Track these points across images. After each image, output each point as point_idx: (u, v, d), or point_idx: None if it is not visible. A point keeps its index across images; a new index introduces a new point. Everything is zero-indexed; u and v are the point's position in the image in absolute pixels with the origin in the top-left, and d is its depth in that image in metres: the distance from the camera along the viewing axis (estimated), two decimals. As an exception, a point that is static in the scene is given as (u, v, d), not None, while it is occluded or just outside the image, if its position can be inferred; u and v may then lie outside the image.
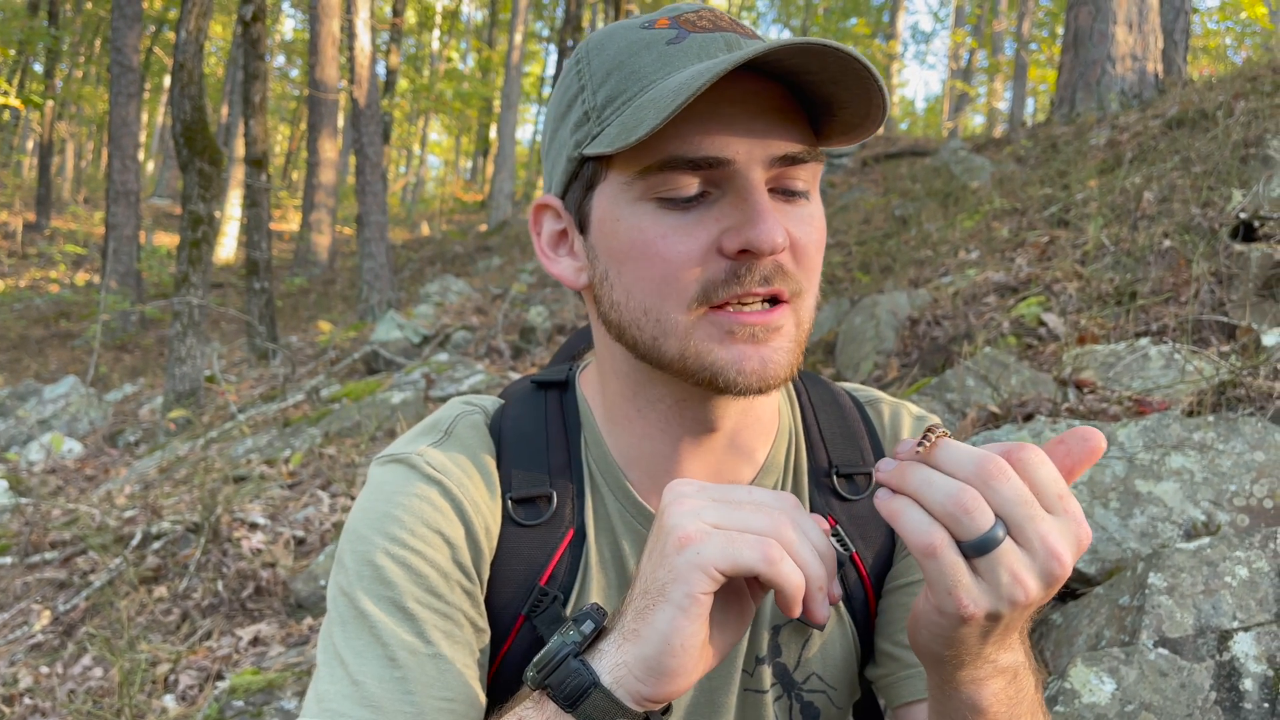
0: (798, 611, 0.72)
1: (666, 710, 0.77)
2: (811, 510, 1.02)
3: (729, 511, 0.72)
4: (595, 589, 0.96)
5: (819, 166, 0.90)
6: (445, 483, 0.94)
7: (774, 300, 0.86)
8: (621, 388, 0.97)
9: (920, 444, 0.72)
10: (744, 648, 1.00)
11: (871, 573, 1.02)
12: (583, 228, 0.93)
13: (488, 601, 0.95)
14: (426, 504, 0.92)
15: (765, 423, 1.01)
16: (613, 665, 0.73)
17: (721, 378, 0.86)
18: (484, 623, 0.94)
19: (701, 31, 0.85)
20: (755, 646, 1.00)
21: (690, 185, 0.84)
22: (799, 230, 0.87)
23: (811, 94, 0.86)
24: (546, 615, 0.93)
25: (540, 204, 0.97)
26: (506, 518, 0.96)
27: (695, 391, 0.91)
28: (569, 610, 0.95)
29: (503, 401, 1.06)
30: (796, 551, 0.71)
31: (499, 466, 0.99)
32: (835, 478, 1.03)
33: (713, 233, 0.84)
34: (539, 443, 1.00)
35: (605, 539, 0.98)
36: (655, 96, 0.81)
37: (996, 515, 0.67)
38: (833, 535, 1.01)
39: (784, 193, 0.87)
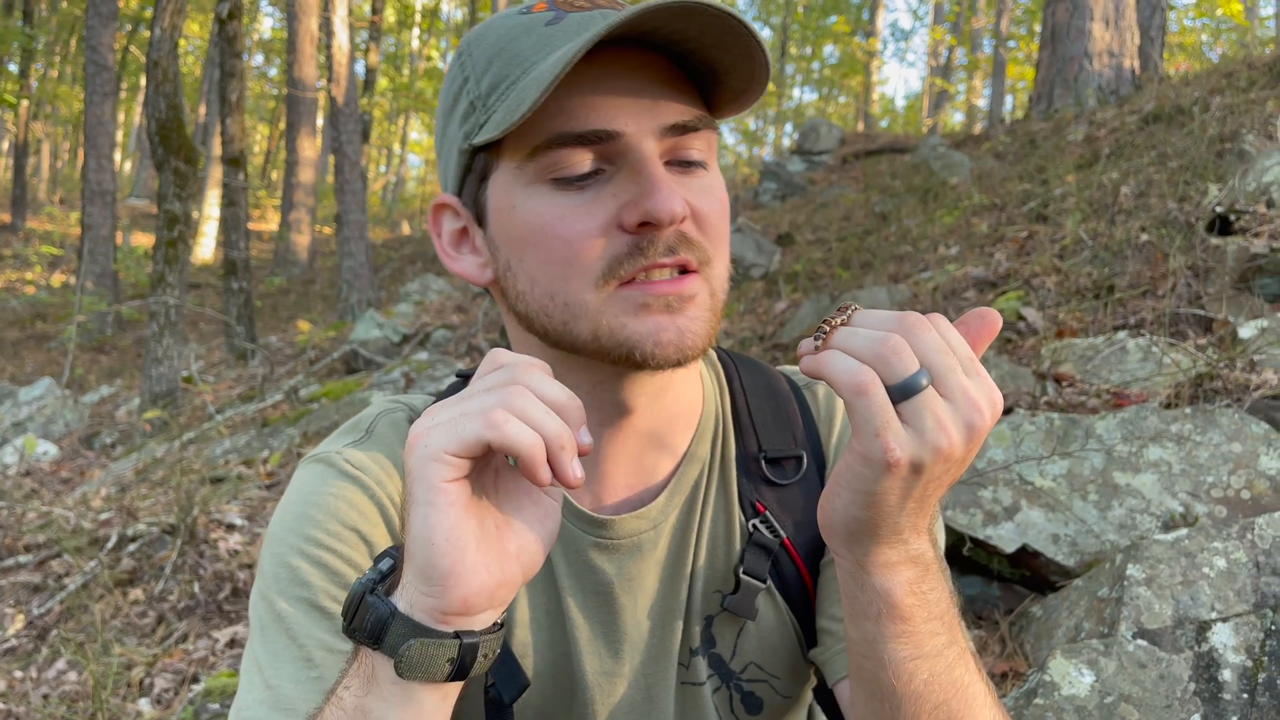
0: (545, 475, 0.68)
1: (498, 628, 0.73)
2: (740, 497, 1.01)
3: (458, 403, 0.70)
4: None
5: (714, 136, 0.90)
6: (363, 479, 0.92)
7: (683, 270, 0.85)
8: None
9: (836, 317, 0.73)
10: (678, 640, 0.98)
11: (805, 556, 1.01)
12: (480, 221, 0.92)
13: None
14: (343, 502, 0.91)
15: (683, 413, 0.99)
16: (402, 589, 0.70)
17: (638, 351, 0.84)
18: None
19: (579, 10, 0.85)
20: (689, 638, 0.99)
21: (582, 161, 0.83)
22: (699, 200, 0.86)
23: (697, 63, 0.85)
24: None
25: (438, 204, 0.96)
26: None
27: (610, 374, 0.89)
28: None
29: (432, 399, 1.05)
30: (527, 414, 0.68)
31: None
32: (764, 464, 1.02)
33: (610, 209, 0.83)
34: None
35: None
36: (537, 75, 0.80)
37: (920, 364, 0.69)
38: (762, 522, 0.99)
39: (680, 164, 0.87)
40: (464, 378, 1.06)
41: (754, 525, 0.99)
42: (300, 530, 0.90)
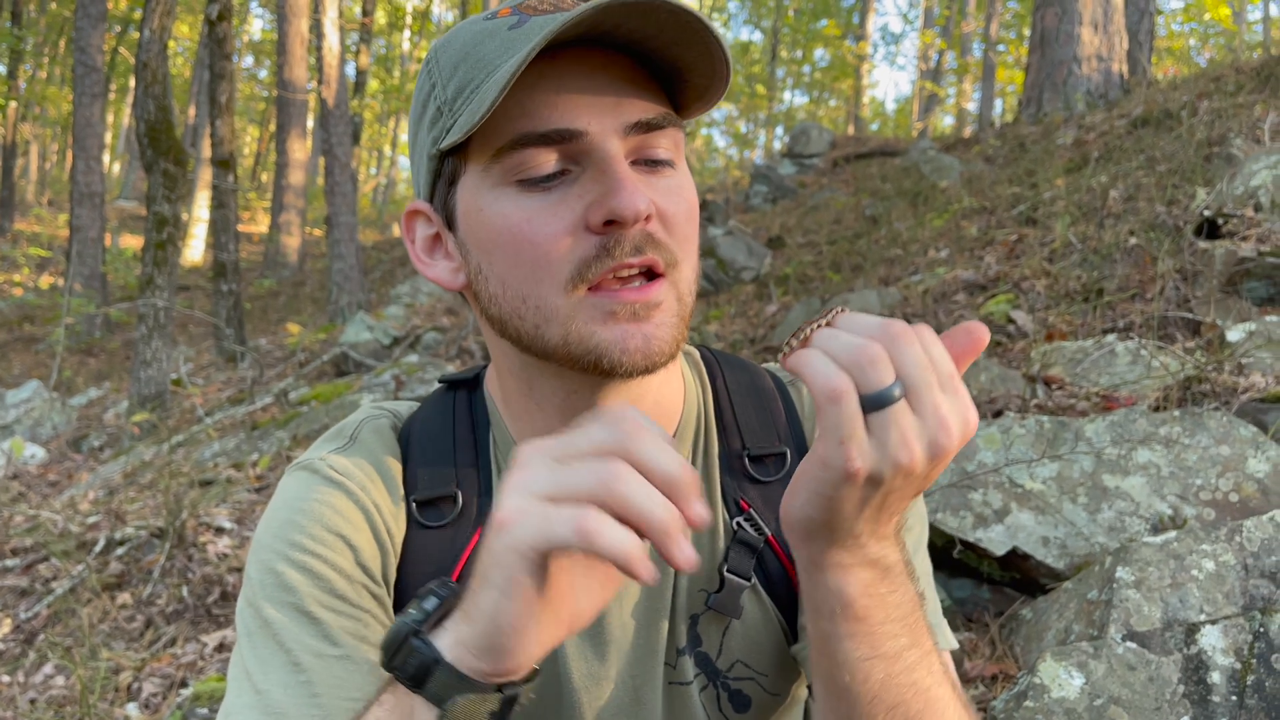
0: (646, 575, 0.63)
1: (532, 677, 0.73)
2: (724, 495, 1.01)
3: (558, 475, 0.66)
4: None
5: (680, 134, 0.90)
6: (348, 485, 0.93)
7: (651, 274, 0.85)
8: (517, 384, 0.96)
9: (824, 319, 0.73)
10: (663, 640, 0.98)
11: (789, 552, 1.00)
12: (451, 225, 0.92)
13: (398, 606, 0.93)
14: (327, 508, 0.92)
15: (662, 416, 0.99)
16: (453, 642, 0.70)
17: (606, 359, 0.84)
18: None
19: (543, 14, 0.84)
20: (675, 638, 0.99)
21: (547, 162, 0.83)
22: (665, 200, 0.86)
23: (660, 61, 0.86)
24: None
25: (410, 210, 0.96)
26: (411, 521, 0.95)
27: (584, 381, 0.89)
28: None
29: (417, 405, 1.06)
30: (630, 506, 0.63)
31: (404, 469, 0.98)
32: (748, 461, 1.02)
33: (577, 210, 0.83)
34: (445, 443, 0.99)
35: None
36: (498, 77, 0.80)
37: (896, 376, 0.68)
38: (746, 519, 0.99)
39: (647, 163, 0.87)
40: (449, 384, 1.06)
41: (738, 523, 0.99)
42: (285, 536, 0.90)
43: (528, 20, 0.84)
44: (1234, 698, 1.61)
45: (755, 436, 1.03)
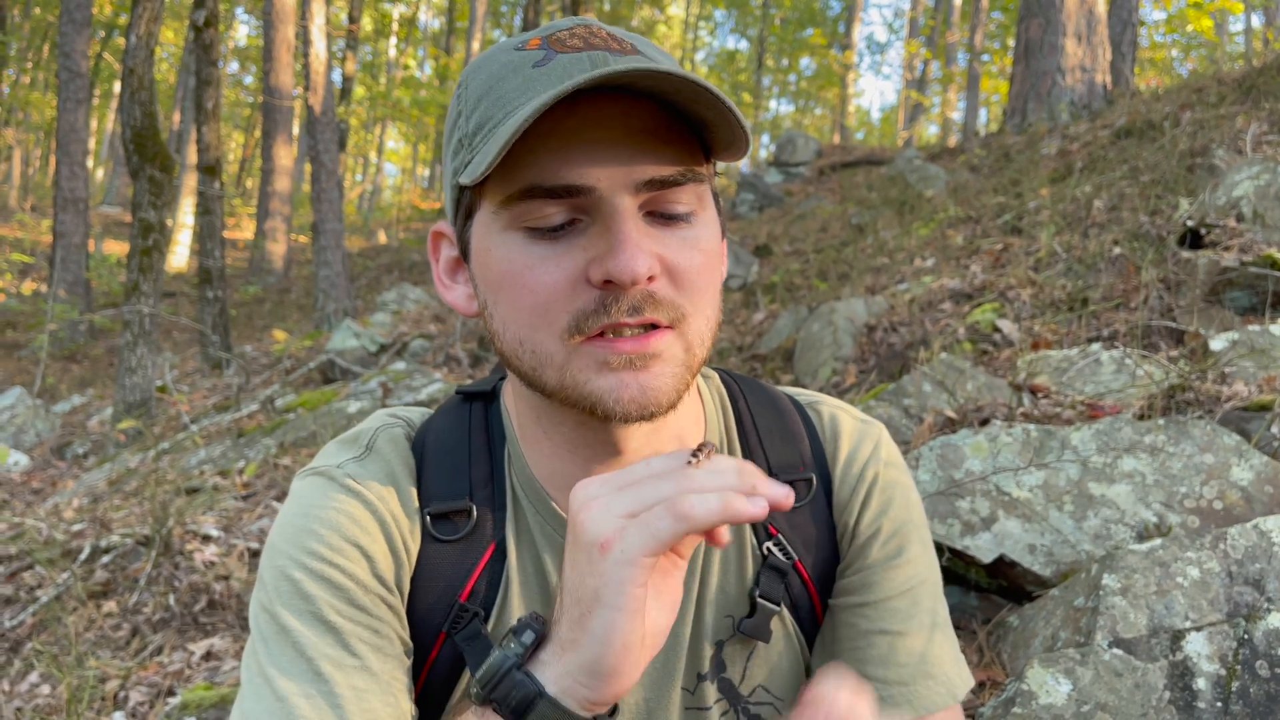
0: (751, 511, 0.69)
1: (613, 712, 0.77)
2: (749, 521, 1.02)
3: (634, 494, 0.71)
4: (516, 605, 0.94)
5: (703, 187, 0.87)
6: (365, 494, 0.93)
7: (652, 327, 0.84)
8: (527, 409, 0.96)
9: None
10: (683, 666, 0.98)
11: (816, 579, 1.01)
12: (466, 256, 0.92)
13: (409, 618, 0.94)
14: (345, 516, 0.91)
15: (684, 439, 0.99)
16: (556, 675, 0.73)
17: (600, 407, 0.84)
18: (408, 637, 0.93)
19: (570, 51, 0.83)
20: (697, 663, 0.98)
21: (554, 214, 0.82)
22: (678, 256, 0.85)
23: (685, 112, 0.83)
24: (467, 632, 0.91)
25: (436, 231, 0.97)
26: (425, 534, 0.95)
27: (591, 418, 0.88)
28: (489, 627, 0.93)
29: (431, 413, 1.05)
30: (704, 483, 0.70)
31: (419, 481, 0.97)
32: None
33: (580, 262, 0.82)
34: (460, 457, 0.99)
35: (527, 554, 0.96)
36: (506, 128, 0.78)
37: None
38: (775, 544, 0.99)
39: (663, 216, 0.85)
40: (465, 396, 1.05)
41: (768, 548, 0.99)
42: (301, 543, 0.90)
43: (553, 58, 0.82)
44: (1219, 704, 1.63)
45: (780, 458, 1.03)
